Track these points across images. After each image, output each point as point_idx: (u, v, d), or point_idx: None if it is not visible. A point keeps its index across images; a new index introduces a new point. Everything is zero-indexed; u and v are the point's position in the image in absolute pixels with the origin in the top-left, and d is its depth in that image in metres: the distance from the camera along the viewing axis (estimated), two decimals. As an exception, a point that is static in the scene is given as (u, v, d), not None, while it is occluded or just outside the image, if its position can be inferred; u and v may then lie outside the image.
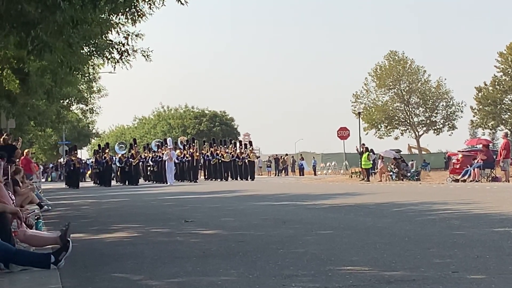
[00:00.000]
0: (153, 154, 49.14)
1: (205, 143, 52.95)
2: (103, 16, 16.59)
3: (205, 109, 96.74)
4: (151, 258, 8.10)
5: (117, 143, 55.71)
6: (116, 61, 20.40)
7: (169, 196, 25.08)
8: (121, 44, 19.96)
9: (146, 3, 14.59)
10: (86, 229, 12.35)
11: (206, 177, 50.58)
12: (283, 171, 63.98)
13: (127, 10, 16.14)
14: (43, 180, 54.34)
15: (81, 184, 46.31)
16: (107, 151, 46.24)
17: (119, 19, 18.13)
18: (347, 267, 6.90)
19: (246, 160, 48.68)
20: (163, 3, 14.01)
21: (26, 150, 28.63)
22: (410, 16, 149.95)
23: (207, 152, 50.07)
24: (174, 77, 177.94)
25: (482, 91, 74.87)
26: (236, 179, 47.86)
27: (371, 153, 39.22)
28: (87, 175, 63.22)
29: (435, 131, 79.16)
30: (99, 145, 52.39)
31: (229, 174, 48.94)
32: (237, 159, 48.80)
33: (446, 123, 78.73)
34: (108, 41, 20.36)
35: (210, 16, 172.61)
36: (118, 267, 7.59)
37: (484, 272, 6.32)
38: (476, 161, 30.53)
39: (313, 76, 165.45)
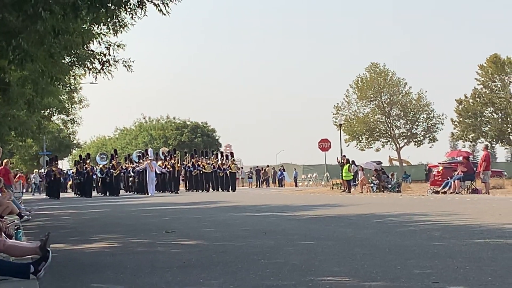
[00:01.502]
0: (134, 164, 49.03)
1: (187, 154, 52.83)
2: (84, 26, 16.58)
3: (187, 120, 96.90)
4: (131, 268, 8.06)
5: (98, 153, 55.49)
6: (97, 71, 20.31)
7: (150, 206, 24.99)
8: (102, 55, 19.90)
9: (128, 13, 14.55)
10: (66, 239, 12.28)
11: (187, 188, 50.50)
12: (264, 183, 64.05)
13: (108, 20, 16.12)
14: (24, 190, 53.94)
15: (62, 195, 46.05)
16: (88, 161, 46.13)
17: (101, 29, 18.14)
18: (328, 277, 6.90)
19: (228, 171, 48.64)
20: (144, 13, 13.98)
21: (5, 160, 28.45)
22: (391, 29, 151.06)
23: (189, 163, 49.99)
24: (155, 88, 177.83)
25: (462, 103, 75.41)
26: (217, 190, 47.82)
27: (352, 165, 39.33)
28: (68, 185, 62.89)
29: (416, 143, 79.52)
30: (80, 156, 52.16)
31: (210, 185, 48.89)
32: (218, 170, 48.74)
33: (427, 135, 79.13)
34: (89, 51, 20.30)
35: (193, 27, 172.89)
36: (98, 277, 7.55)
37: (464, 283, 6.34)
38: (456, 173, 30.71)
39: (295, 88, 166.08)
